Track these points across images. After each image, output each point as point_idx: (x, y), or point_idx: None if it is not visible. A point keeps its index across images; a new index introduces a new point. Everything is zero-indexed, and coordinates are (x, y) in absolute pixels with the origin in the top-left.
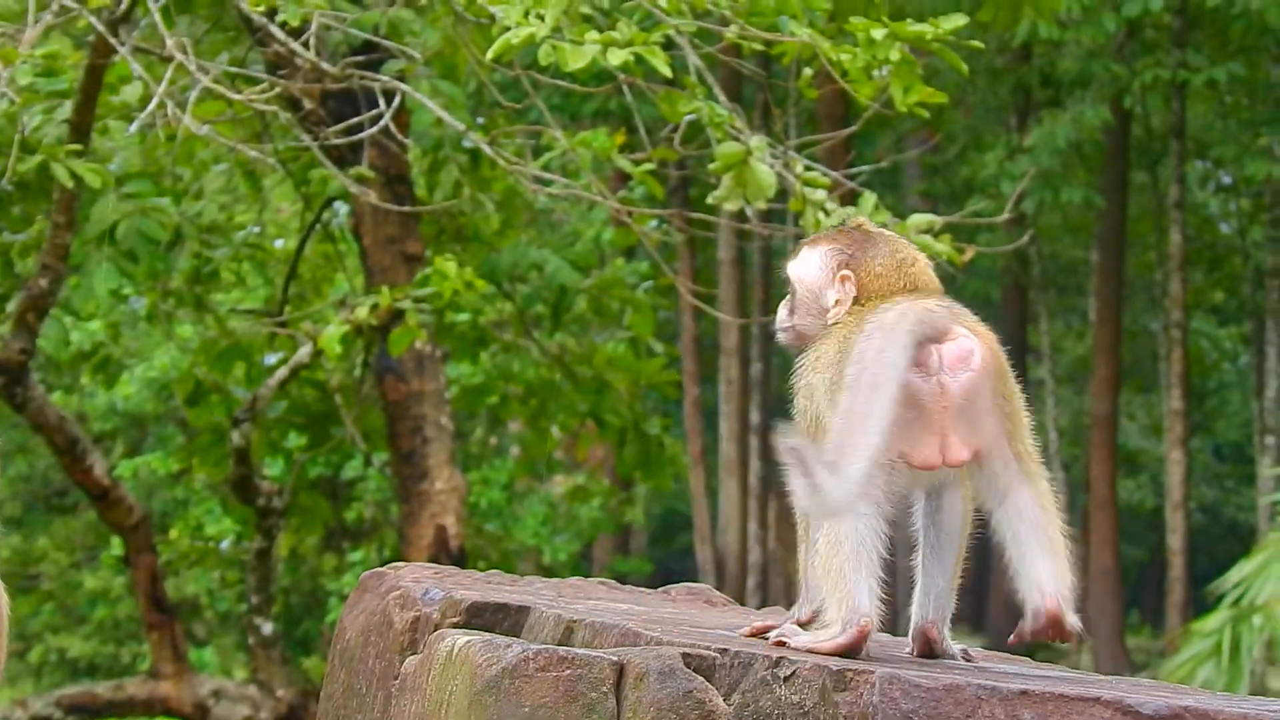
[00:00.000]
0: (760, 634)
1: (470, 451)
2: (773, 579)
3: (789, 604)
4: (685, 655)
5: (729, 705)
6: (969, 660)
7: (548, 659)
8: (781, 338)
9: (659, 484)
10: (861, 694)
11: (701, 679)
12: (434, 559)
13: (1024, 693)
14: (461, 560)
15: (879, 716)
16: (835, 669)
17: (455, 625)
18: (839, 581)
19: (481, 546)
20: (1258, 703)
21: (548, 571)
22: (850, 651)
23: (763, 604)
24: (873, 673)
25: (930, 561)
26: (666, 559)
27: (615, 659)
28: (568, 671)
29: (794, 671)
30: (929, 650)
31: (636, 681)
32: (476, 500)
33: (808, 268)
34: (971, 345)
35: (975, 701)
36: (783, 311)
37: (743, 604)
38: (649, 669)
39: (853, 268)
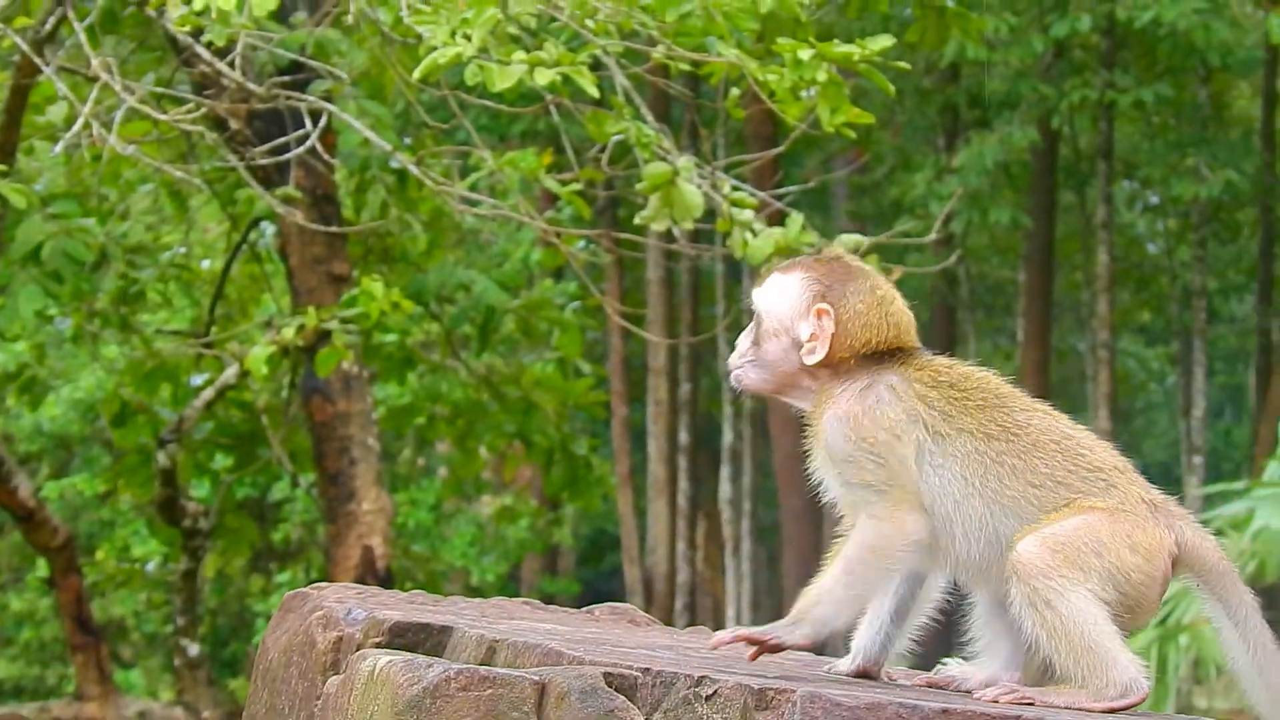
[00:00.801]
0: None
1: (398, 472)
2: (701, 599)
3: (716, 625)
4: (607, 675)
5: None
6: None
7: (469, 679)
8: (738, 373)
9: (586, 504)
10: (783, 713)
11: (623, 698)
12: (361, 580)
13: (945, 711)
14: (388, 581)
15: None
16: (757, 688)
17: (378, 645)
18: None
19: (408, 567)
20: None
21: (475, 592)
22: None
23: (691, 624)
24: (794, 691)
25: (897, 616)
26: (594, 579)
27: (537, 678)
28: (489, 691)
29: (716, 690)
30: (864, 675)
31: (558, 701)
32: (404, 521)
33: (778, 296)
34: None
35: None
36: (744, 343)
37: (670, 624)
38: (570, 688)
39: (831, 301)
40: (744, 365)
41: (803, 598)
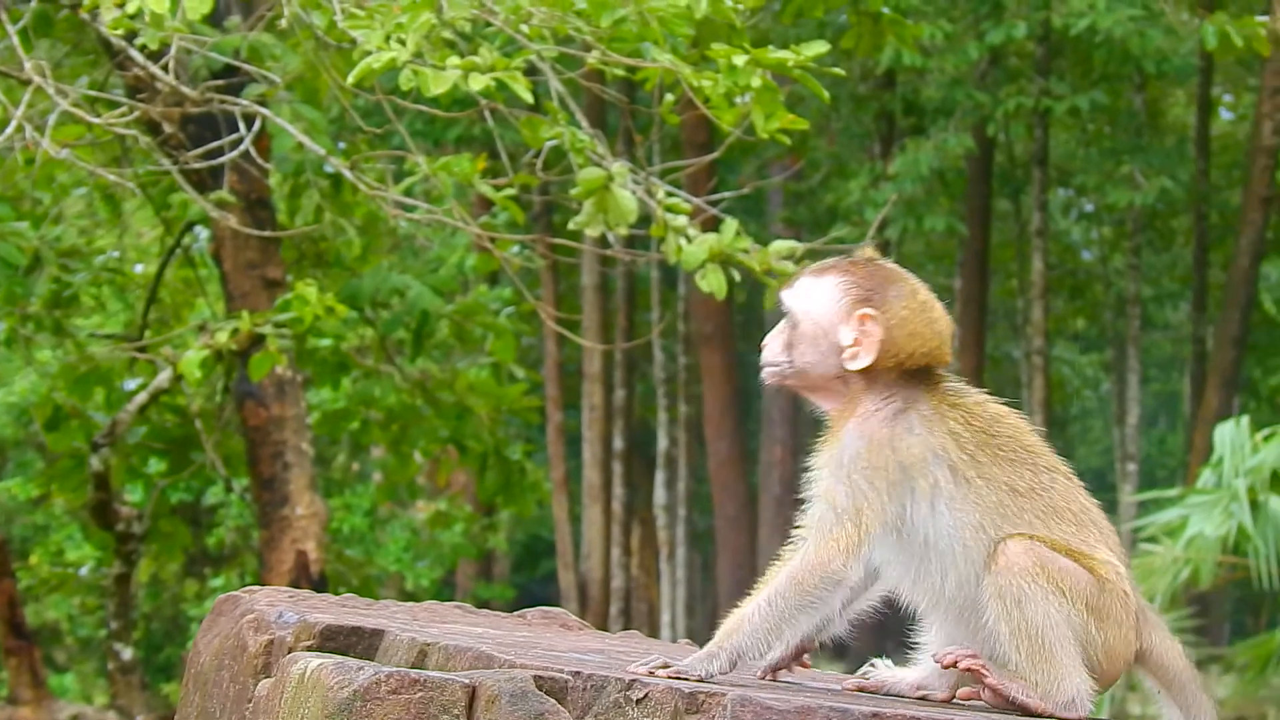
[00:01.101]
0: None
1: (332, 478)
2: (636, 604)
3: (651, 630)
4: (538, 678)
5: None
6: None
7: (399, 681)
8: (772, 374)
9: (520, 509)
10: (714, 716)
11: (554, 701)
12: (295, 584)
13: (875, 715)
14: (322, 586)
15: None
16: (687, 692)
17: (309, 649)
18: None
19: (342, 572)
20: None
21: (410, 598)
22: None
23: (626, 629)
24: (724, 695)
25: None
26: (529, 585)
27: (467, 681)
28: (419, 694)
29: (646, 694)
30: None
31: (488, 704)
32: (339, 526)
33: (815, 300)
34: None
35: None
36: (775, 345)
37: (605, 630)
38: (501, 691)
39: (875, 305)
40: (778, 364)
41: (724, 625)
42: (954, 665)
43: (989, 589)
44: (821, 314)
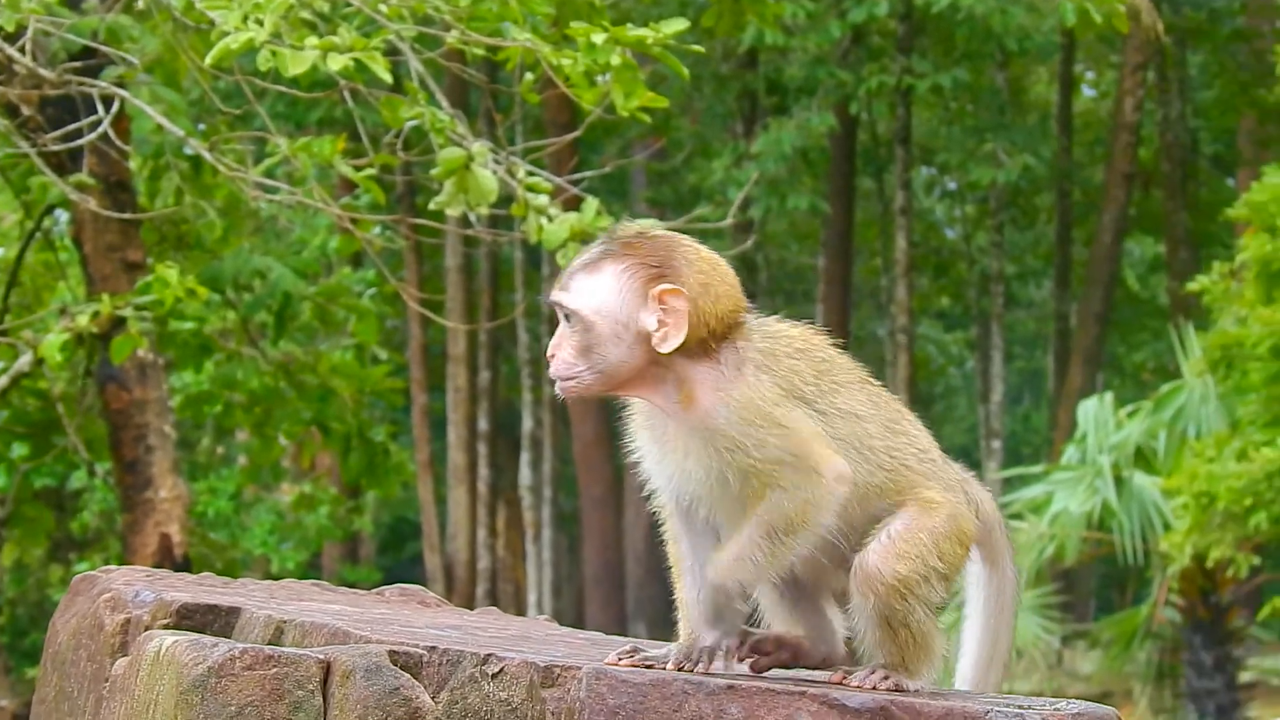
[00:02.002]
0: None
1: (197, 461)
2: (502, 585)
3: (518, 610)
4: (392, 653)
5: (437, 702)
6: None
7: (254, 658)
8: (570, 384)
9: (385, 491)
10: (569, 690)
11: (408, 676)
12: (158, 567)
13: (730, 687)
14: (186, 569)
15: (586, 712)
16: (543, 665)
17: (166, 627)
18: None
19: (207, 555)
20: (962, 697)
21: (276, 580)
22: None
23: None
24: (579, 669)
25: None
26: (396, 567)
27: (322, 657)
28: (274, 670)
29: (502, 669)
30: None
31: (343, 679)
32: (204, 510)
33: (600, 295)
34: None
35: (682, 696)
36: (565, 356)
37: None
38: (355, 666)
39: (670, 280)
40: (576, 374)
41: (709, 591)
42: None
43: (862, 610)
44: (613, 307)
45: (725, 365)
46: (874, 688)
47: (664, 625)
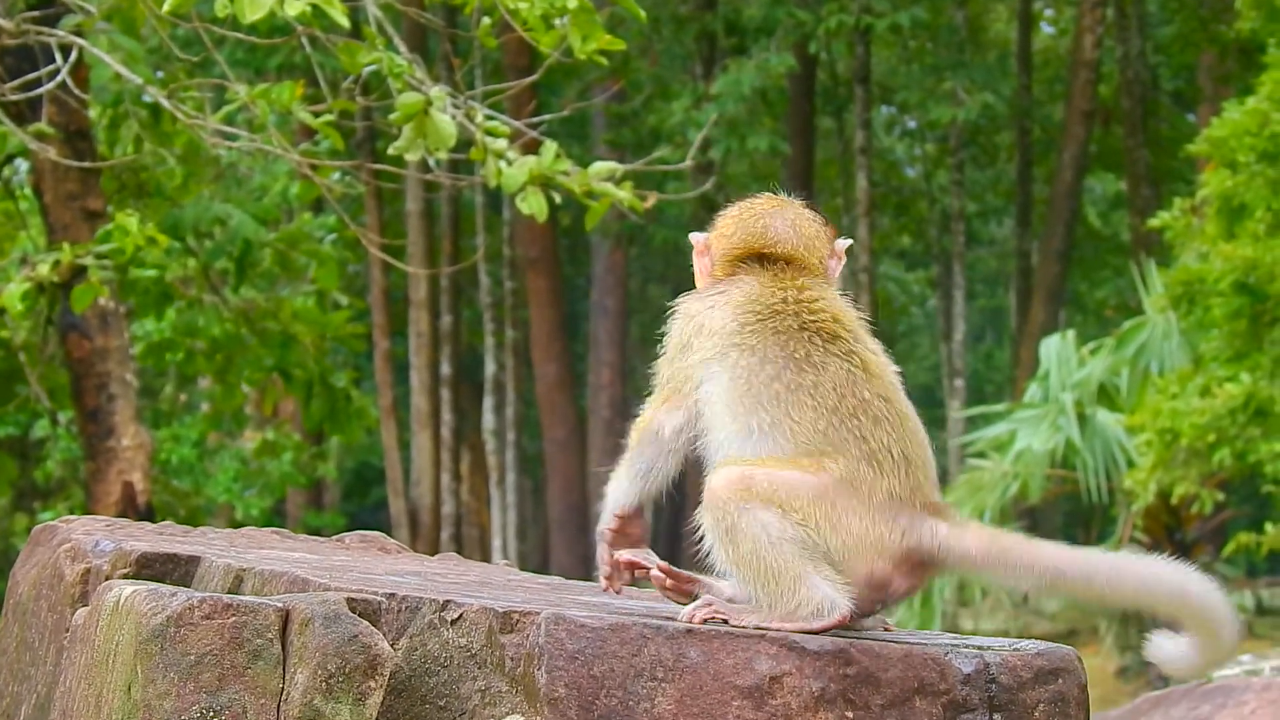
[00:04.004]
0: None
1: (160, 409)
2: (467, 530)
3: (483, 556)
4: (351, 600)
5: (396, 649)
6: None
7: (212, 606)
8: None
9: (348, 437)
10: (528, 635)
11: (367, 624)
12: (122, 516)
13: (689, 631)
14: (150, 517)
15: (545, 657)
16: (501, 611)
17: (125, 577)
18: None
19: (170, 503)
20: (924, 635)
21: (240, 528)
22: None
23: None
24: (538, 614)
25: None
26: (360, 513)
27: (280, 605)
28: (232, 619)
29: (461, 615)
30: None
31: (301, 627)
32: (167, 458)
33: None
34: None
35: (641, 640)
36: None
37: (433, 556)
38: (314, 614)
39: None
40: None
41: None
42: (695, 622)
43: (703, 525)
44: None
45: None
46: (690, 617)
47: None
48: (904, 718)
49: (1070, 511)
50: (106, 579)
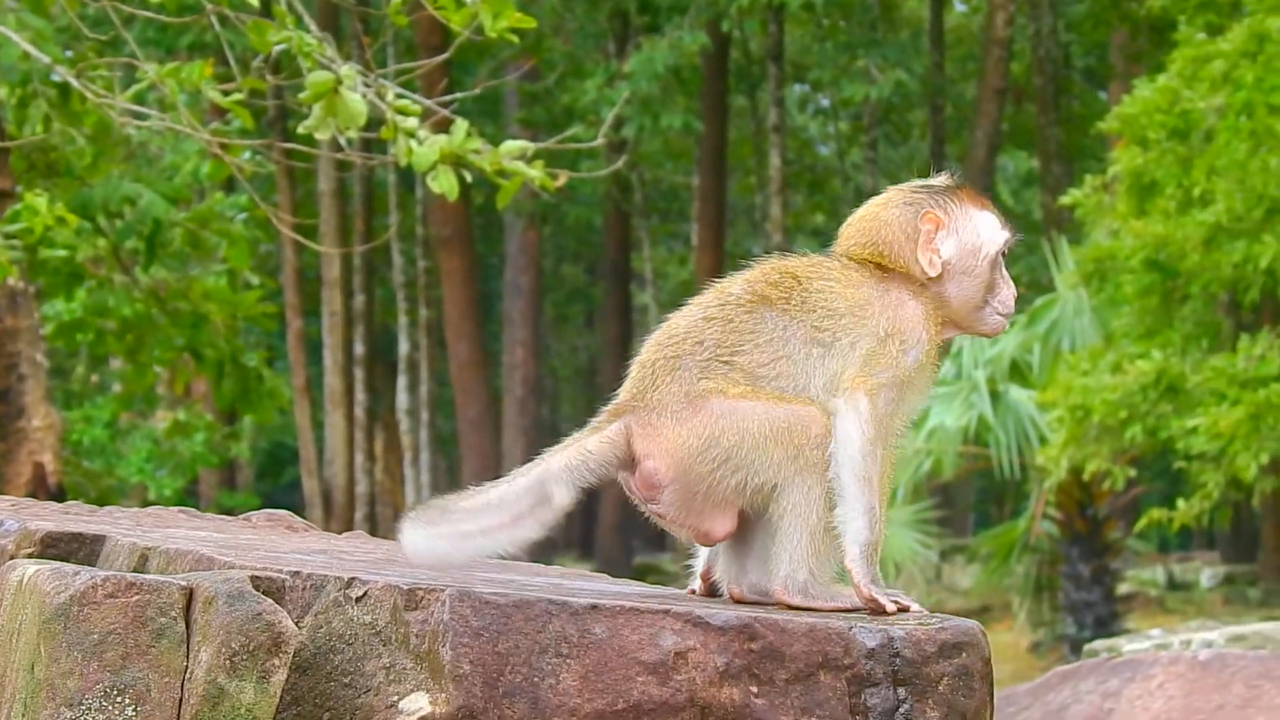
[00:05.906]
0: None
1: (72, 389)
2: (381, 509)
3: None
4: (255, 578)
5: (301, 627)
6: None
7: (115, 585)
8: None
9: (260, 417)
10: (433, 612)
11: (271, 601)
12: (33, 496)
13: (594, 607)
14: (61, 497)
15: (450, 634)
16: (406, 588)
17: (30, 556)
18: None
19: (82, 484)
20: (826, 615)
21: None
22: None
23: (372, 534)
24: (443, 591)
25: None
26: (274, 492)
27: (184, 583)
28: (136, 597)
29: (366, 592)
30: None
31: (205, 605)
32: (79, 438)
33: None
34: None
35: (546, 617)
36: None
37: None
38: (218, 592)
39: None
40: None
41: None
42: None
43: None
44: None
45: None
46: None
47: (538, 548)
48: (809, 692)
49: (983, 488)
50: (11, 558)
